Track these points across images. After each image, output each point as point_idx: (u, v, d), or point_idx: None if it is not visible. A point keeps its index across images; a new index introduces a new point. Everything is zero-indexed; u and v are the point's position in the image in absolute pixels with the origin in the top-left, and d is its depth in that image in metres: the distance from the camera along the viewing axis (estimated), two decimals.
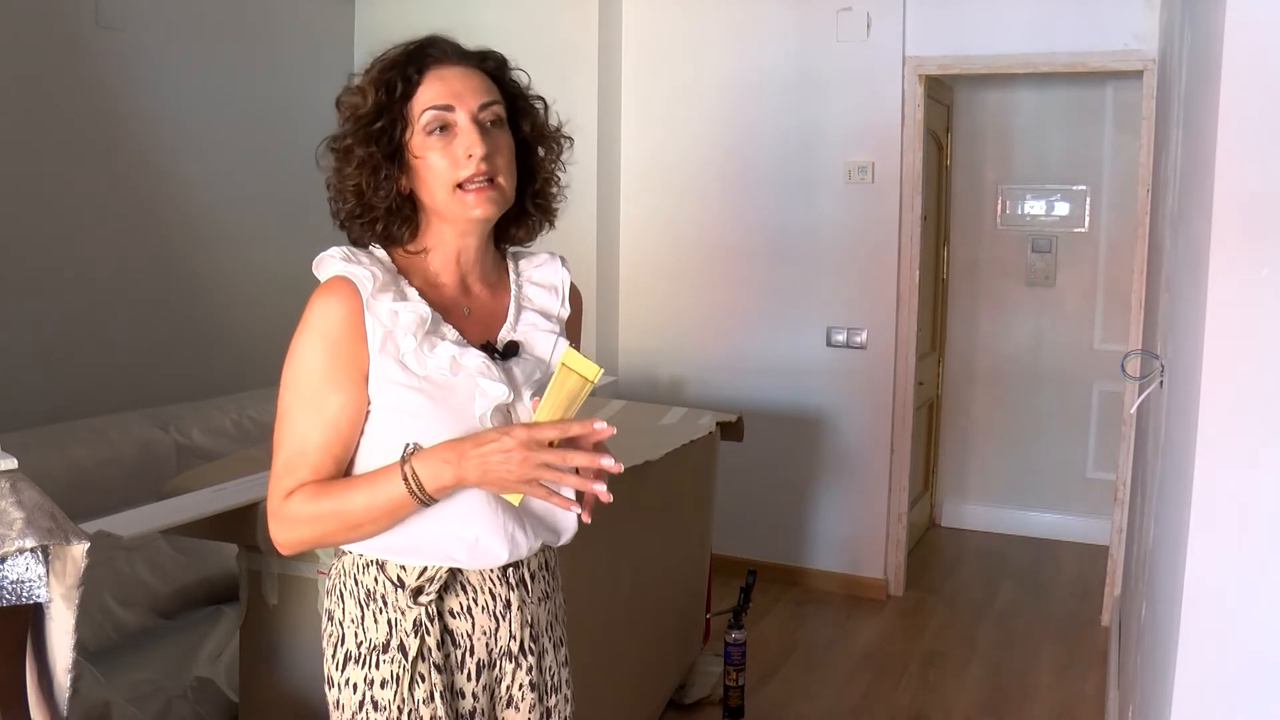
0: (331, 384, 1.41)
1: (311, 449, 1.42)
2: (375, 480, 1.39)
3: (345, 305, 1.41)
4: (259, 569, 2.32)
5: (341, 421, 1.42)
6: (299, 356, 1.43)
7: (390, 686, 1.45)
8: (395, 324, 1.42)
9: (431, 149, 1.43)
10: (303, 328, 1.43)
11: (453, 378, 1.43)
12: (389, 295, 1.43)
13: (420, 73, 1.44)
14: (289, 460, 1.42)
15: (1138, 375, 2.92)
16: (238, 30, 4.11)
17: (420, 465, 1.37)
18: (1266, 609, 1.27)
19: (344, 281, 1.42)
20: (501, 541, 1.47)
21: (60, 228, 3.47)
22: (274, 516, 1.43)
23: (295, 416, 1.43)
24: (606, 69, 4.44)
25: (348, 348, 1.41)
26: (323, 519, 1.40)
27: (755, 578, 3.52)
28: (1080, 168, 5.03)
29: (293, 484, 1.41)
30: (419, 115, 1.43)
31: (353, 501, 1.39)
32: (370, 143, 1.44)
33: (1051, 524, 5.17)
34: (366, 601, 1.47)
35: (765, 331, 4.50)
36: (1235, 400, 1.27)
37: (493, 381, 1.44)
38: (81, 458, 2.91)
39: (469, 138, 1.42)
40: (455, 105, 1.43)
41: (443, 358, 1.43)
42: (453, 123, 1.43)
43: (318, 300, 1.43)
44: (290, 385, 1.43)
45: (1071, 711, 3.47)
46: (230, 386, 3.83)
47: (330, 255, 1.46)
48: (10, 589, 1.46)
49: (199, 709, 2.59)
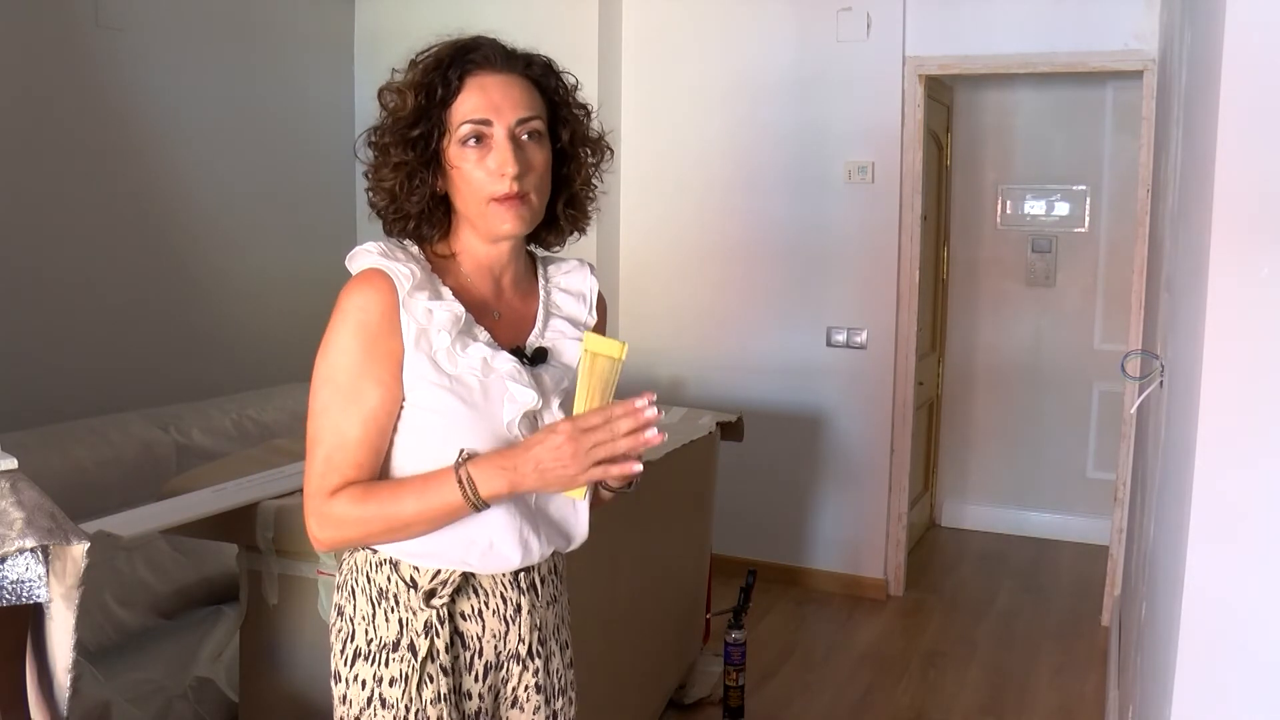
0: (369, 377, 1.40)
1: (351, 443, 1.40)
2: (428, 484, 1.38)
3: (382, 298, 1.40)
4: (259, 569, 2.32)
5: (380, 415, 1.41)
6: (335, 349, 1.41)
7: (399, 685, 1.45)
8: (430, 322, 1.41)
9: (467, 160, 1.42)
10: (337, 320, 1.41)
11: (484, 379, 1.43)
12: (424, 294, 1.42)
13: (461, 79, 1.42)
14: (329, 455, 1.40)
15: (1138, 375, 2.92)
16: (238, 30, 4.11)
17: (476, 471, 1.36)
18: (1266, 609, 1.27)
19: (379, 274, 1.41)
20: (515, 546, 1.47)
21: (59, 228, 3.47)
22: (315, 515, 1.41)
23: (333, 410, 1.41)
24: (606, 69, 4.44)
25: (385, 341, 1.40)
26: (370, 521, 1.40)
27: (755, 578, 3.52)
28: (1080, 168, 5.03)
29: (337, 481, 1.40)
30: (457, 125, 1.42)
31: (404, 505, 1.38)
32: (407, 148, 1.42)
33: (1051, 524, 5.17)
34: (379, 599, 1.47)
35: (765, 331, 4.50)
36: (1235, 400, 1.27)
37: (522, 387, 1.44)
38: (81, 458, 2.91)
39: (503, 154, 1.40)
40: (493, 120, 1.41)
41: (474, 358, 1.43)
42: (489, 136, 1.41)
43: (353, 292, 1.41)
44: (326, 378, 1.41)
45: (1071, 711, 3.47)
46: (230, 386, 3.83)
47: (367, 250, 1.44)
48: (10, 589, 1.46)
49: (199, 709, 2.59)
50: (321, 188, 4.55)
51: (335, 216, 4.61)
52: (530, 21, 4.34)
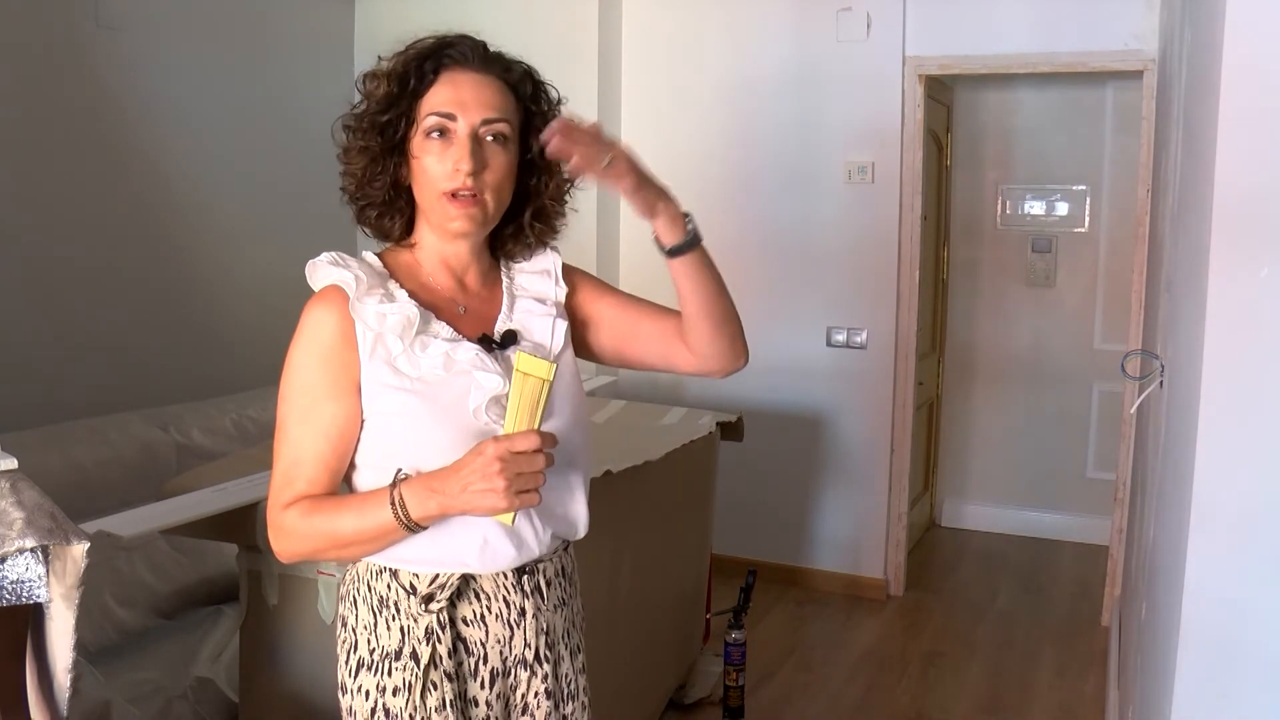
0: (323, 394, 1.41)
1: (306, 460, 1.42)
2: (365, 503, 1.39)
3: (335, 313, 1.41)
4: (259, 569, 2.32)
5: (334, 432, 1.42)
6: (292, 367, 1.43)
7: (402, 694, 1.44)
8: (383, 326, 1.42)
9: (428, 152, 1.42)
10: (296, 338, 1.44)
11: (447, 375, 1.43)
12: (375, 298, 1.42)
13: (436, 72, 1.43)
14: (285, 471, 1.43)
15: (1138, 375, 2.92)
16: (238, 30, 4.11)
17: (408, 492, 1.35)
18: (1266, 609, 1.27)
19: (336, 290, 1.42)
20: (509, 541, 1.46)
21: (59, 227, 3.47)
22: (272, 527, 1.43)
23: (289, 427, 1.43)
24: (606, 69, 4.44)
25: (339, 357, 1.41)
26: (315, 536, 1.41)
27: (755, 578, 3.52)
28: (1080, 168, 5.03)
29: (290, 496, 1.41)
30: (424, 116, 1.43)
31: (343, 523, 1.39)
32: (375, 133, 1.44)
33: (1051, 524, 5.17)
34: (379, 608, 1.47)
35: (765, 331, 4.47)
36: (1235, 400, 1.27)
37: (487, 373, 1.43)
38: (81, 458, 2.91)
39: (460, 151, 1.40)
40: (458, 114, 1.41)
41: (435, 356, 1.43)
42: (452, 130, 1.41)
43: (309, 310, 1.43)
44: (284, 397, 1.44)
45: (1071, 711, 3.47)
46: (230, 386, 3.82)
47: (319, 260, 1.46)
48: (10, 589, 1.46)
49: (199, 709, 2.59)
50: (322, 187, 4.50)
51: (335, 216, 4.54)
52: (530, 21, 4.34)
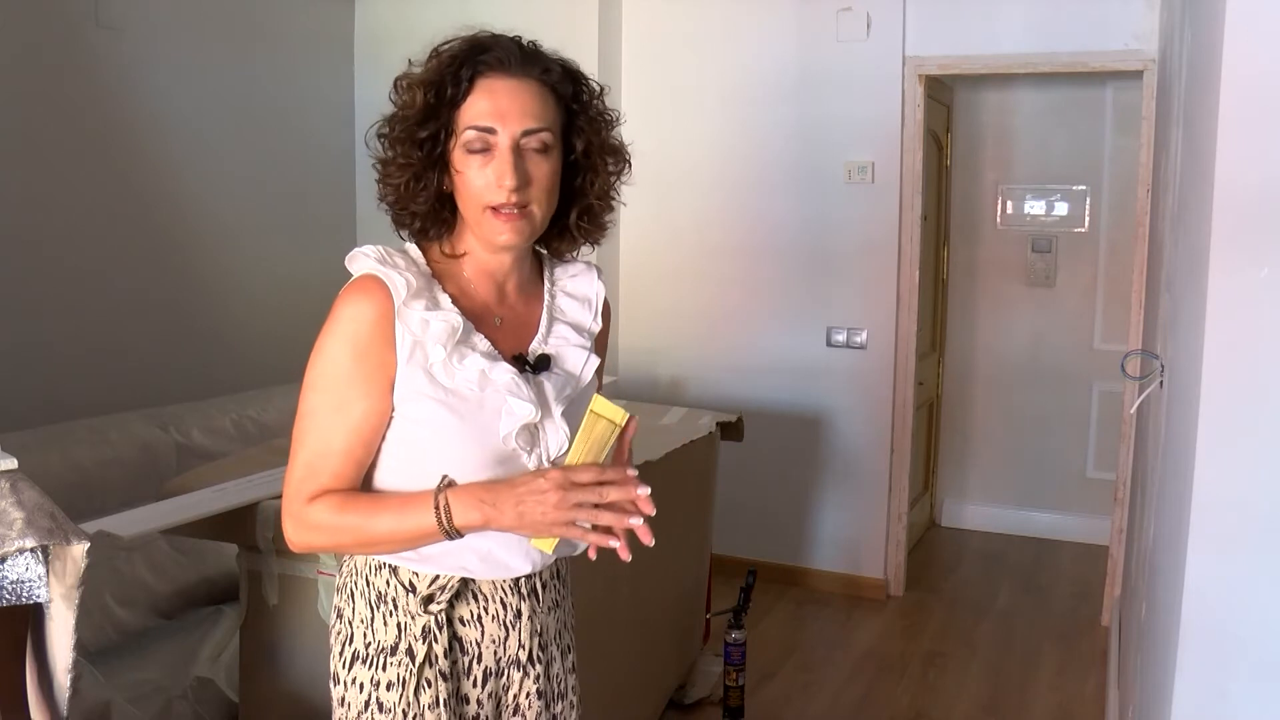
0: (357, 388, 1.38)
1: (334, 452, 1.39)
2: (406, 505, 1.37)
3: (376, 308, 1.37)
4: (259, 569, 2.32)
5: (365, 427, 1.40)
6: (325, 356, 1.39)
7: (396, 690, 1.44)
8: (425, 333, 1.39)
9: (469, 166, 1.38)
10: (331, 326, 1.39)
11: (480, 392, 1.41)
12: (421, 303, 1.39)
13: (472, 80, 1.38)
14: (310, 461, 1.39)
15: (1138, 375, 2.92)
16: (238, 30, 4.11)
17: (455, 500, 1.34)
18: (1266, 609, 1.27)
19: (376, 282, 1.38)
20: (516, 554, 1.46)
21: (60, 228, 3.47)
22: (291, 517, 1.40)
23: (319, 417, 1.39)
24: (606, 69, 4.44)
25: (376, 353, 1.38)
26: (343, 531, 1.39)
27: (755, 578, 3.52)
28: (1080, 168, 5.03)
29: (314, 488, 1.39)
30: (463, 130, 1.38)
31: (378, 522, 1.37)
32: (415, 148, 1.39)
33: (1051, 524, 5.17)
34: (377, 603, 1.46)
35: (765, 331, 4.50)
36: (1235, 400, 1.27)
37: (520, 400, 1.41)
38: (81, 458, 2.90)
39: (503, 165, 1.36)
40: (498, 128, 1.37)
41: (471, 371, 1.40)
42: (493, 144, 1.37)
43: (348, 300, 1.39)
44: (315, 385, 1.40)
45: (1071, 711, 3.47)
46: (230, 386, 3.82)
47: (365, 253, 1.41)
48: (10, 589, 1.45)
49: (199, 709, 2.59)
50: (322, 187, 4.55)
51: (335, 216, 4.61)
52: (530, 21, 4.29)
